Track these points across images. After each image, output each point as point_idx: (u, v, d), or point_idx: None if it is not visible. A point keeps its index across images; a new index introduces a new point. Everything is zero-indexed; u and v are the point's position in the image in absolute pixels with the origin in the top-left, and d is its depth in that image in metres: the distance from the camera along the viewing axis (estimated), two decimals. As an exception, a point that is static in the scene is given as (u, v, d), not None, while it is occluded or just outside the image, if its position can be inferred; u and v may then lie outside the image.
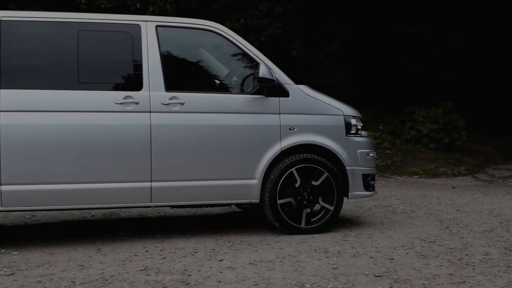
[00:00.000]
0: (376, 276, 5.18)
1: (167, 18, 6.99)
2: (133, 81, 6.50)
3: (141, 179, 6.43)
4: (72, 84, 6.37)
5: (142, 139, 6.40)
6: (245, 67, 7.04)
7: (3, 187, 6.16)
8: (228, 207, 8.82)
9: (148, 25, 6.65)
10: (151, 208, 8.82)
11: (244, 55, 6.90)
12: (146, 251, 6.19)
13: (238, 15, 16.17)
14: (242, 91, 6.89)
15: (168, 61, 6.70)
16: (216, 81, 7.16)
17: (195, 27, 6.86)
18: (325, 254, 5.94)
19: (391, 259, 5.78)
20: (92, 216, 8.48)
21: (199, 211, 8.74)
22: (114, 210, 8.67)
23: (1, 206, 6.20)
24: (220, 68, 7.32)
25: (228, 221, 7.94)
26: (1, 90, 6.17)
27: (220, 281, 5.05)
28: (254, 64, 6.83)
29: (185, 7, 15.91)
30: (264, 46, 14.60)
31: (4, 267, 5.68)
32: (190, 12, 15.33)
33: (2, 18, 6.34)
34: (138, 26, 6.62)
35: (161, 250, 6.19)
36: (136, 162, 6.41)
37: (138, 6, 15.97)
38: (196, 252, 6.10)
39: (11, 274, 5.43)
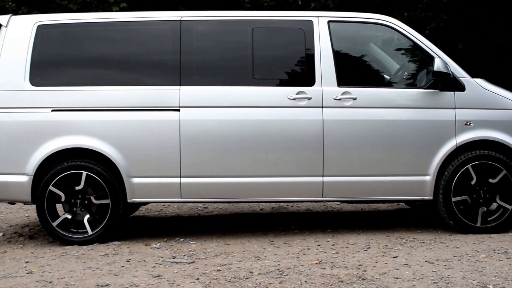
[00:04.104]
0: None
1: (338, 13, 6.98)
2: (306, 77, 6.57)
3: (313, 174, 6.50)
4: (247, 81, 6.57)
5: (314, 134, 6.46)
6: (418, 61, 6.90)
7: (183, 180, 6.47)
8: (395, 203, 8.69)
9: (320, 21, 6.68)
10: (318, 203, 8.87)
11: (418, 48, 6.72)
12: (319, 245, 6.24)
13: (400, 9, 15.82)
14: (414, 86, 6.74)
15: (340, 56, 6.69)
16: (386, 76, 7.07)
17: (367, 21, 6.81)
18: (505, 255, 5.67)
19: None
20: (261, 209, 8.69)
21: (366, 207, 8.68)
22: (282, 204, 8.81)
23: (180, 198, 6.54)
24: (390, 63, 7.21)
25: (397, 218, 7.80)
26: (181, 87, 6.48)
27: (397, 278, 4.98)
28: (427, 58, 6.64)
29: (346, 2, 15.81)
30: (428, 39, 14.19)
31: (184, 255, 5.97)
32: (352, 7, 15.21)
33: (182, 18, 6.66)
34: (311, 22, 6.66)
35: (333, 245, 6.22)
36: (308, 157, 6.49)
37: (300, 3, 16.07)
38: (368, 247, 6.06)
39: (192, 262, 5.69)
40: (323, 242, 6.34)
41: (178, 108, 6.46)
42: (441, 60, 6.42)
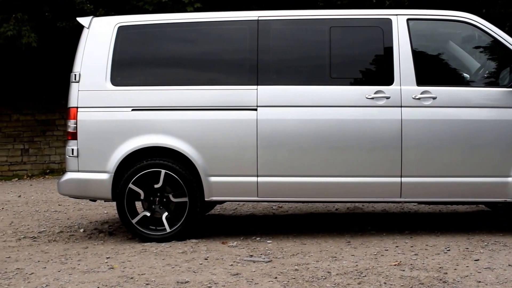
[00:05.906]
0: None
1: (417, 10, 6.82)
2: (384, 76, 6.48)
3: (391, 174, 6.41)
4: (324, 80, 6.54)
5: (392, 134, 6.37)
6: (500, 58, 6.68)
7: (260, 179, 6.50)
8: (474, 205, 8.49)
9: (399, 19, 6.57)
10: (394, 204, 8.75)
11: (500, 46, 6.51)
12: (397, 246, 6.15)
13: (478, 5, 15.44)
14: (496, 84, 6.55)
15: (419, 55, 6.57)
16: (466, 74, 6.90)
17: (446, 18, 6.66)
18: None
19: None
20: (336, 209, 8.63)
21: (444, 208, 8.50)
22: (357, 204, 8.73)
23: (257, 197, 6.57)
24: (470, 61, 7.05)
25: (477, 220, 7.62)
26: (259, 86, 6.51)
27: (479, 281, 4.86)
28: (511, 56, 6.43)
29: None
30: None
31: (261, 254, 5.99)
32: (426, 5, 14.93)
33: (259, 18, 6.68)
34: (389, 20, 6.57)
35: (411, 246, 6.11)
36: (386, 157, 6.41)
37: (374, 1, 15.87)
38: (448, 250, 5.93)
39: (269, 261, 5.70)
40: (401, 244, 6.25)
41: (256, 108, 6.49)
42: (525, 58, 6.23)
